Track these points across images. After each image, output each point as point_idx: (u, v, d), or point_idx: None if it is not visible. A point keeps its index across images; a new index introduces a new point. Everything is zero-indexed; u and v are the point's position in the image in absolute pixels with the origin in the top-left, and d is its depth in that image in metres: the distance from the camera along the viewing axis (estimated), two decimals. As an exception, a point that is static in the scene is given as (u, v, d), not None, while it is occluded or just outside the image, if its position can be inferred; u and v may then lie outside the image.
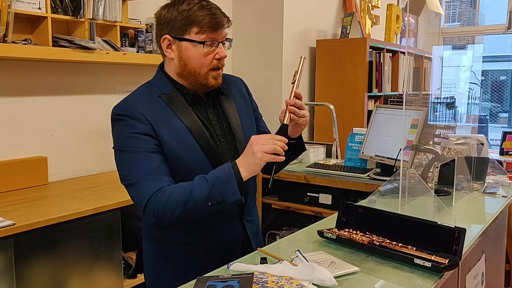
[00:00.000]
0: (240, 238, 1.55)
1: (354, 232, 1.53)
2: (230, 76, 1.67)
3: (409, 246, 1.39)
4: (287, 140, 1.38)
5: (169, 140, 1.41)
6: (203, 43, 1.41)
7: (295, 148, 1.61)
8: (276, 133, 1.44)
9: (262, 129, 1.69)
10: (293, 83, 1.50)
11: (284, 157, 1.36)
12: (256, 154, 1.33)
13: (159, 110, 1.43)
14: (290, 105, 1.47)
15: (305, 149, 1.68)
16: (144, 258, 1.61)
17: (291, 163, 1.74)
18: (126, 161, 1.40)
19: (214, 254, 1.50)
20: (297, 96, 1.49)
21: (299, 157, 3.04)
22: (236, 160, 1.37)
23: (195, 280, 1.19)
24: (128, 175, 1.39)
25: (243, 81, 1.71)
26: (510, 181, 2.40)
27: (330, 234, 1.53)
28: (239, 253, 1.52)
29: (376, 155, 2.62)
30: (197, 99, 1.50)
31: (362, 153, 2.73)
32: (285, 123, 1.46)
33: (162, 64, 1.54)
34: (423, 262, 1.29)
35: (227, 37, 1.49)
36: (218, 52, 1.44)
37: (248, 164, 1.35)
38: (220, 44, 1.44)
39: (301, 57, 1.52)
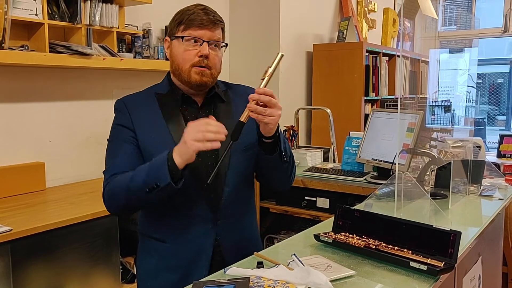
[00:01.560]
0: (209, 244, 1.50)
1: (350, 235, 1.53)
2: (242, 86, 1.67)
3: (405, 250, 1.40)
4: (224, 130, 1.32)
5: (146, 140, 1.47)
6: (183, 37, 1.46)
7: (271, 148, 1.47)
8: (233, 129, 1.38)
9: None
10: (263, 79, 1.41)
11: (219, 145, 1.30)
12: (186, 143, 1.31)
13: (147, 108, 1.51)
14: (252, 100, 1.37)
15: (280, 151, 1.49)
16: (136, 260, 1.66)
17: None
18: (107, 150, 1.52)
19: (187, 254, 1.48)
20: (262, 93, 1.37)
21: (297, 161, 3.07)
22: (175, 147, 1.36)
23: (191, 285, 1.19)
24: (105, 163, 1.50)
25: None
26: (507, 184, 2.41)
27: (326, 238, 1.53)
28: (207, 262, 1.49)
29: (373, 159, 2.63)
30: (187, 100, 1.52)
31: (359, 156, 2.74)
32: (241, 120, 1.36)
33: None
34: (419, 265, 1.30)
35: (222, 42, 1.51)
36: (201, 49, 1.45)
37: (181, 152, 1.33)
38: (205, 43, 1.45)
39: (278, 53, 1.44)
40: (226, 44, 1.55)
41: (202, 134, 1.30)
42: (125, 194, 1.40)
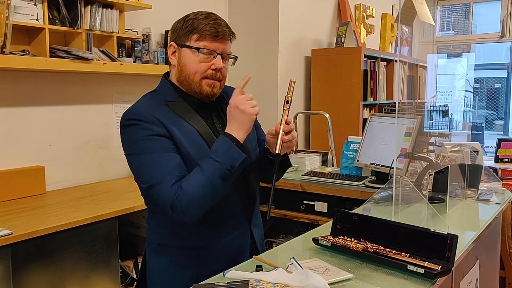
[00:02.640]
0: (249, 243, 1.58)
1: (349, 239, 1.55)
2: (228, 87, 1.70)
3: (403, 253, 1.41)
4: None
5: (183, 141, 1.43)
6: (198, 49, 1.45)
7: (281, 165, 1.59)
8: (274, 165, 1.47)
9: (261, 137, 1.71)
10: (285, 109, 1.49)
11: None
12: (245, 112, 1.40)
13: (168, 116, 1.46)
14: (284, 133, 1.47)
15: (291, 165, 1.67)
16: (149, 271, 1.58)
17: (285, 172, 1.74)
18: (145, 163, 1.41)
19: (225, 257, 1.50)
20: (287, 123, 1.48)
21: (295, 165, 3.09)
22: (226, 130, 1.42)
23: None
24: (148, 177, 1.40)
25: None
26: (504, 188, 2.43)
27: (325, 242, 1.55)
28: (248, 258, 1.53)
29: (371, 163, 2.64)
30: (202, 105, 1.53)
31: (357, 161, 2.76)
32: (277, 152, 1.46)
33: (167, 73, 1.58)
34: (416, 269, 1.31)
35: (233, 54, 1.52)
36: (215, 62, 1.46)
37: (241, 124, 1.41)
38: (219, 56, 1.47)
39: (291, 81, 1.51)
40: (236, 57, 1.56)
41: (251, 102, 1.42)
42: (203, 194, 1.36)
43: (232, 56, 1.53)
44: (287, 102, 1.49)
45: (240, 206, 1.55)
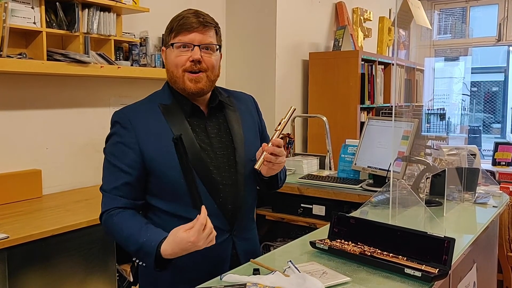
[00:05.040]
0: (229, 254, 1.51)
1: (346, 242, 1.54)
2: (242, 93, 1.70)
3: (400, 256, 1.41)
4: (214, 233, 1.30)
5: (153, 152, 1.44)
6: (173, 45, 1.46)
7: (268, 185, 1.63)
8: None
9: (265, 141, 1.70)
10: (277, 130, 1.49)
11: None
12: (193, 243, 1.28)
13: (153, 120, 1.47)
14: (268, 153, 1.44)
15: (278, 187, 1.69)
16: (139, 270, 1.60)
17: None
18: (105, 167, 1.49)
19: (201, 266, 1.47)
20: (277, 144, 1.45)
21: (293, 168, 3.09)
22: (166, 241, 1.32)
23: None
24: (103, 180, 1.49)
25: (254, 99, 1.73)
26: (501, 191, 2.43)
27: (322, 245, 1.54)
28: (227, 270, 1.47)
29: (368, 166, 2.64)
30: (196, 110, 1.51)
31: (355, 164, 2.76)
32: (256, 167, 1.46)
33: None
34: (414, 272, 1.31)
35: (215, 44, 1.49)
36: (192, 54, 1.44)
37: (179, 249, 1.31)
38: (196, 47, 1.44)
39: (291, 107, 1.54)
40: (220, 46, 1.52)
41: (209, 240, 1.29)
42: (119, 241, 1.45)
43: (215, 45, 1.49)
44: (279, 124, 1.50)
45: (219, 219, 1.47)
